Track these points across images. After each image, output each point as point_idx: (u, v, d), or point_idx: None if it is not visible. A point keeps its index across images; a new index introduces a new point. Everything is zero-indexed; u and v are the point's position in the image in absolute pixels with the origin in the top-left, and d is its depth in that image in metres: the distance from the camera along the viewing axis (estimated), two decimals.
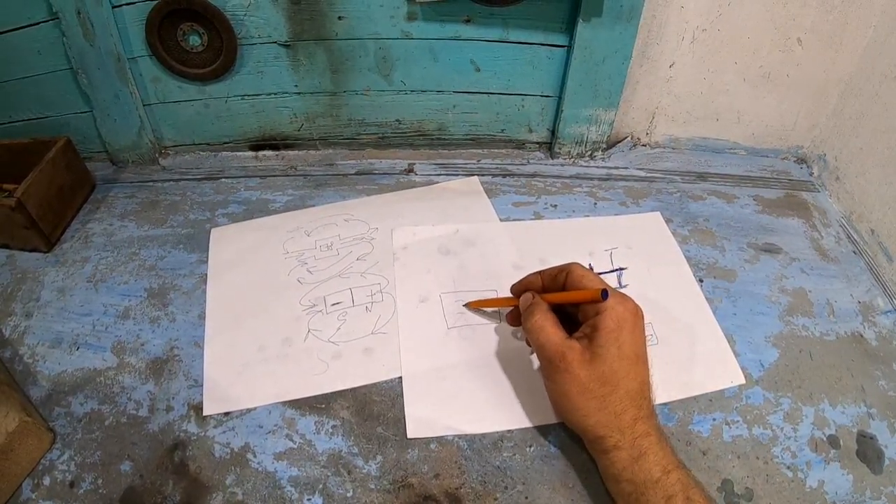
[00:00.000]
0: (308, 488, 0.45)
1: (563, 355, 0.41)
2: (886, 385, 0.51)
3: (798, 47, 0.65)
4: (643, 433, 0.39)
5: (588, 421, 0.40)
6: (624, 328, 0.41)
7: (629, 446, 0.39)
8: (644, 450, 0.39)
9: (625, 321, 0.41)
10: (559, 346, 0.41)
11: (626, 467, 0.38)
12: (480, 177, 0.72)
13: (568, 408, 0.41)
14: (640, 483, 0.38)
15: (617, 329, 0.41)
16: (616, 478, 0.39)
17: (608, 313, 0.41)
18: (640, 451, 0.39)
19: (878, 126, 0.63)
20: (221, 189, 0.71)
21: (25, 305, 0.58)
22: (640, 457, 0.38)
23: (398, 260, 0.61)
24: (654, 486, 0.37)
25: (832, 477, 0.45)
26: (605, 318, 0.41)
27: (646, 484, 0.37)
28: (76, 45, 0.63)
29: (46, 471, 0.46)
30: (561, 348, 0.41)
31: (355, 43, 0.66)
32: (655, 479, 0.37)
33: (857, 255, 0.63)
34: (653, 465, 0.38)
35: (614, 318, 0.41)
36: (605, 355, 0.40)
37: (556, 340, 0.42)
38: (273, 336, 0.54)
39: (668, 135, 0.76)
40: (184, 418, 0.49)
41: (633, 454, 0.38)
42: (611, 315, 0.41)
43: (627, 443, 0.39)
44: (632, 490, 0.38)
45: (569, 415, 0.42)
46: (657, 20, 0.64)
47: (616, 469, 0.39)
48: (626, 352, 0.41)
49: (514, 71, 0.68)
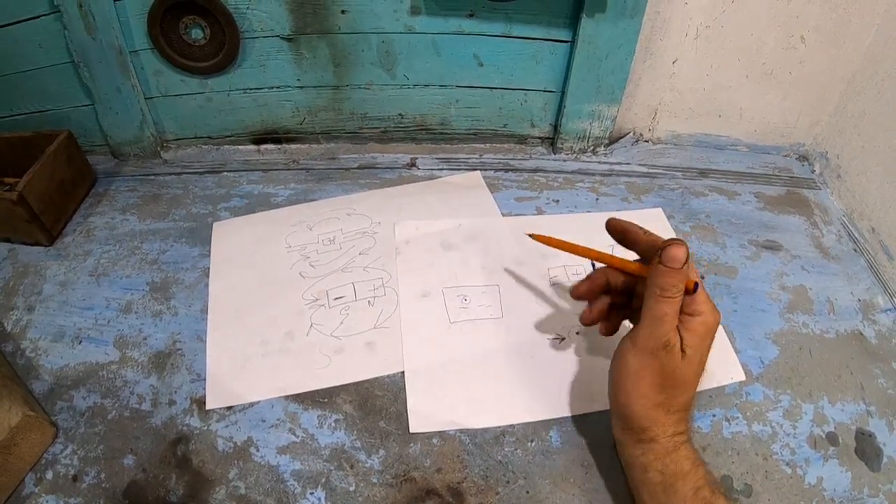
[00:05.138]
0: (311, 482, 0.45)
1: (669, 343, 0.38)
2: (886, 383, 0.51)
3: (801, 45, 0.65)
4: (681, 432, 0.40)
5: (643, 411, 0.39)
6: (708, 338, 0.40)
7: (666, 441, 0.39)
8: (678, 445, 0.39)
9: (711, 332, 0.40)
10: (671, 333, 0.39)
11: (658, 458, 0.39)
12: (483, 171, 0.72)
13: (632, 391, 0.39)
14: (670, 474, 0.38)
15: (706, 337, 0.39)
16: (645, 467, 0.39)
17: (703, 319, 0.39)
18: (675, 446, 0.39)
19: (880, 124, 0.63)
20: (223, 183, 0.71)
21: (27, 299, 0.58)
22: (674, 450, 0.39)
23: (400, 254, 0.61)
24: (685, 478, 0.38)
25: (831, 474, 0.46)
26: (698, 323, 0.39)
27: (676, 475, 0.38)
28: (78, 39, 0.63)
29: (49, 465, 0.46)
30: (671, 336, 0.38)
31: (358, 37, 0.65)
32: (686, 472, 0.38)
33: (857, 253, 0.63)
34: (684, 459, 0.39)
35: (706, 326, 0.39)
36: (692, 359, 0.39)
37: (673, 324, 0.39)
38: (275, 330, 0.55)
39: (671, 131, 0.76)
40: (186, 412, 0.49)
41: (667, 447, 0.39)
42: (704, 322, 0.39)
43: (666, 439, 0.39)
44: (660, 480, 0.38)
45: (627, 396, 0.40)
46: (661, 16, 0.64)
47: (647, 459, 0.39)
48: (704, 362, 0.40)
49: (517, 66, 0.68)
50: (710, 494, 0.37)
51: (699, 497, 0.37)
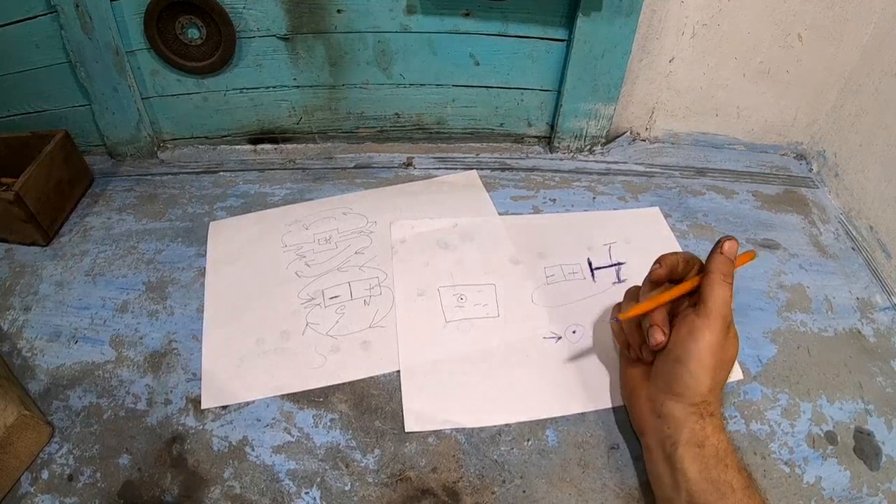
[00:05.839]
0: (306, 481, 0.45)
1: (731, 324, 0.43)
2: (884, 381, 0.51)
3: (798, 43, 0.65)
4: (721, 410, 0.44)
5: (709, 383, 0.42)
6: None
7: (719, 416, 0.42)
8: (724, 424, 0.43)
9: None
10: (731, 315, 0.43)
11: (714, 432, 0.41)
12: (479, 171, 0.72)
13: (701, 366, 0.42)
14: (722, 450, 0.40)
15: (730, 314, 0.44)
16: (702, 442, 0.41)
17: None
18: (723, 424, 0.43)
19: (877, 123, 0.63)
20: (220, 182, 0.71)
21: (24, 299, 0.58)
22: (724, 428, 0.42)
23: (396, 254, 0.61)
24: (733, 454, 0.41)
25: (829, 473, 0.45)
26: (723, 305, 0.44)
27: (727, 452, 0.40)
28: (74, 39, 0.63)
29: (45, 464, 0.46)
30: (731, 317, 0.43)
31: (354, 36, 0.65)
32: (733, 449, 0.41)
33: (855, 252, 0.63)
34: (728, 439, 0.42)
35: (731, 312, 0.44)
36: (735, 340, 0.44)
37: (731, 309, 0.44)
38: (271, 329, 0.55)
39: (668, 130, 0.76)
40: (182, 412, 0.49)
41: (720, 424, 0.42)
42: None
43: (719, 413, 0.42)
44: (715, 453, 0.40)
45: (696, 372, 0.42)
46: (657, 15, 0.64)
47: (706, 433, 0.41)
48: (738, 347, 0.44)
49: (514, 65, 0.68)
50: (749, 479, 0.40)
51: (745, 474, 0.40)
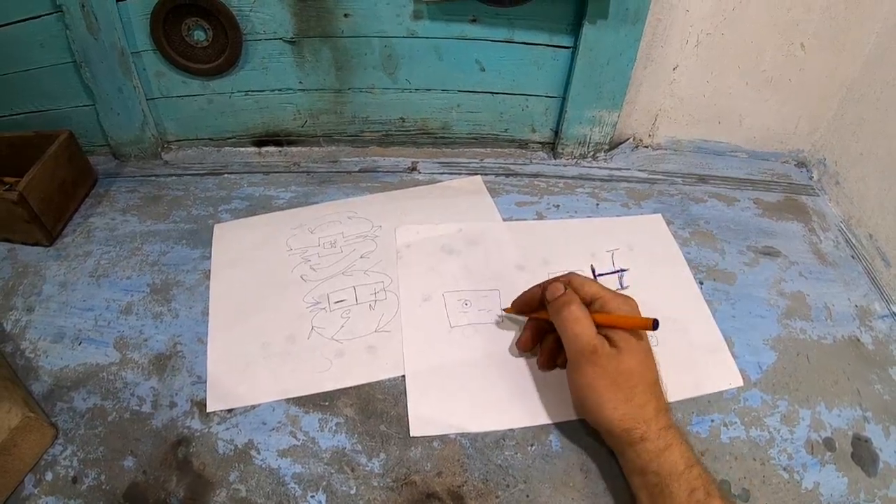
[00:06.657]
0: (311, 485, 0.45)
1: (595, 348, 0.42)
2: (882, 389, 0.52)
3: (801, 52, 0.66)
4: (666, 425, 0.41)
5: (616, 413, 0.41)
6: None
7: (655, 437, 0.40)
8: (669, 442, 0.40)
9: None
10: (592, 339, 0.43)
11: (652, 459, 0.39)
12: (483, 176, 0.72)
13: (597, 401, 0.42)
14: (665, 475, 0.39)
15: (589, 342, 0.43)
16: (642, 470, 0.40)
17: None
18: (666, 444, 0.40)
19: (878, 132, 0.63)
20: (224, 185, 0.71)
21: (27, 300, 0.58)
22: (667, 449, 0.40)
23: (401, 258, 0.61)
24: (679, 479, 0.38)
25: (827, 479, 0.46)
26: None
27: (671, 476, 0.38)
28: (80, 39, 0.63)
29: (49, 466, 0.46)
30: (593, 341, 0.43)
31: (361, 41, 0.66)
32: (680, 472, 0.39)
33: (855, 260, 0.64)
34: (678, 458, 0.39)
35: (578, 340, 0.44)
36: (627, 349, 0.42)
37: (590, 333, 0.43)
38: (276, 333, 0.55)
39: (671, 137, 0.76)
40: (187, 414, 0.49)
41: (659, 445, 0.40)
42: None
43: (654, 434, 0.40)
44: (657, 482, 0.39)
45: (597, 408, 0.42)
46: (662, 23, 0.64)
47: (643, 461, 0.40)
48: (644, 345, 0.44)
49: (519, 71, 0.68)
50: (705, 497, 0.38)
51: (693, 499, 0.38)
